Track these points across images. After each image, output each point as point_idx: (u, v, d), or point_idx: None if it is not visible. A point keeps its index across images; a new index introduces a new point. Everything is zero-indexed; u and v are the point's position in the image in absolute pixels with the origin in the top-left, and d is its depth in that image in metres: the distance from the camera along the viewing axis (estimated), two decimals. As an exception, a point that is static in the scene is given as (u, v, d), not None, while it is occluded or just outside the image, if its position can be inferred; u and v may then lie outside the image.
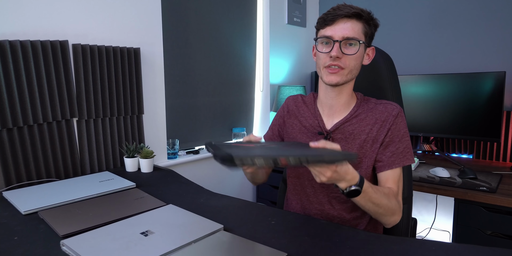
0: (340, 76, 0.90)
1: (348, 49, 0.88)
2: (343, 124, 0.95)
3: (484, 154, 1.94)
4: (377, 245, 0.72)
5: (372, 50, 0.95)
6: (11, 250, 0.71)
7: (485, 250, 0.69)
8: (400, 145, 0.92)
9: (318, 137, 0.98)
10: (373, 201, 0.80)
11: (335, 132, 0.96)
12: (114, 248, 0.69)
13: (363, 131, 0.93)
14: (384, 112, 0.93)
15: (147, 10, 1.54)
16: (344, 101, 0.96)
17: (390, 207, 0.83)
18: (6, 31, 1.13)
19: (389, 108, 0.94)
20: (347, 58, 0.88)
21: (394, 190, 0.89)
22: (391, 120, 0.92)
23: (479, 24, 1.97)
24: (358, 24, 0.88)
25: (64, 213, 0.89)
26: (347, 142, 0.94)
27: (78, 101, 1.30)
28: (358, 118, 0.95)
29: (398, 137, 0.92)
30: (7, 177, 1.13)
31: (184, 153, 1.89)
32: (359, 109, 0.96)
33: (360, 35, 0.88)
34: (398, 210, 0.86)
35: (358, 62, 0.91)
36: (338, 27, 0.87)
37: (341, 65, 0.88)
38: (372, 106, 0.96)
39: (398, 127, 0.92)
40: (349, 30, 0.87)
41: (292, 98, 1.11)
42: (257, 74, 2.28)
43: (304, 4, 2.54)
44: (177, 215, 0.86)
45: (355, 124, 0.95)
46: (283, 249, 0.69)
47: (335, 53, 0.86)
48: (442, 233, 2.06)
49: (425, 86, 1.92)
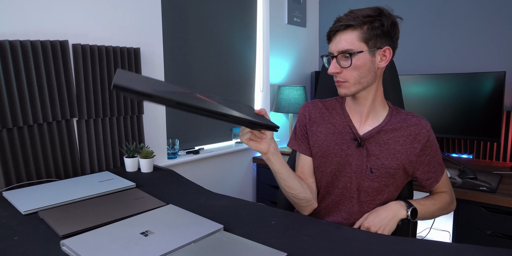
0: (346, 88, 0.90)
1: (345, 61, 0.88)
2: (378, 133, 0.94)
3: (484, 154, 1.94)
4: (377, 245, 0.72)
5: (387, 50, 0.89)
6: (11, 250, 0.71)
7: (485, 250, 0.69)
8: (438, 159, 0.98)
9: (352, 143, 0.95)
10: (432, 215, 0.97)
11: (369, 140, 0.95)
12: (114, 248, 0.69)
13: (397, 142, 0.93)
14: (418, 125, 0.93)
15: (147, 10, 1.54)
16: (370, 106, 0.95)
17: (445, 208, 0.99)
18: (6, 31, 1.13)
19: (423, 122, 0.94)
20: (346, 70, 0.88)
21: (445, 191, 1.01)
22: (425, 135, 0.93)
23: (479, 24, 1.97)
24: (352, 34, 0.86)
25: (64, 213, 0.89)
26: (382, 151, 0.93)
27: (78, 101, 1.30)
28: (392, 127, 0.94)
29: (434, 151, 0.96)
30: (7, 177, 1.13)
31: (184, 153, 1.89)
32: (392, 118, 0.96)
33: (356, 43, 0.85)
34: (452, 203, 1.02)
35: (364, 71, 0.88)
36: (334, 42, 0.89)
37: (340, 79, 0.90)
38: (403, 116, 0.96)
39: (433, 142, 0.95)
40: (342, 43, 0.87)
41: (313, 105, 1.05)
42: (257, 74, 2.28)
43: (304, 4, 2.54)
44: (177, 215, 0.86)
45: (390, 134, 0.94)
46: (283, 249, 0.69)
47: (330, 70, 0.89)
48: (442, 233, 2.06)
49: (425, 86, 1.92)
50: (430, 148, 0.94)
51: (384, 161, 0.92)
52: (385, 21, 0.86)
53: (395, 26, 0.89)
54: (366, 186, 0.94)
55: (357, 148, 0.94)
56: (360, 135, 0.95)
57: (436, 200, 0.98)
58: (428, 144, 0.94)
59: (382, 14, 0.86)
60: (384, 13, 0.87)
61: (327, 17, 2.68)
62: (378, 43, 0.87)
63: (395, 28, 0.89)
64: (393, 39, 0.90)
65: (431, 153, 0.95)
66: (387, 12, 0.88)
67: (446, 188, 1.02)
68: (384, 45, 0.88)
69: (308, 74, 2.69)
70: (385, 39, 0.88)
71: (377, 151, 0.93)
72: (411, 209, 0.90)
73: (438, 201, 0.98)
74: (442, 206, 0.98)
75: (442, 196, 0.99)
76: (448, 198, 1.00)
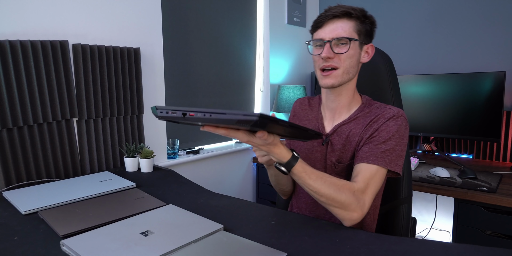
0: (335, 78, 0.89)
1: (340, 48, 0.87)
2: (341, 127, 0.94)
3: (484, 154, 1.94)
4: (377, 245, 0.72)
5: (371, 47, 0.93)
6: (11, 250, 0.71)
7: (485, 250, 0.69)
8: (382, 146, 0.85)
9: (319, 140, 0.97)
10: (309, 187, 0.77)
11: (333, 135, 0.95)
12: (114, 248, 0.69)
13: (357, 134, 0.91)
14: (379, 115, 0.90)
15: (147, 10, 1.54)
16: (344, 103, 0.95)
17: (337, 200, 0.76)
18: (6, 31, 1.13)
19: (385, 111, 0.90)
20: (340, 57, 0.87)
21: (355, 186, 0.80)
22: (382, 121, 0.88)
23: (479, 24, 1.97)
24: (349, 22, 0.87)
25: (64, 213, 0.89)
26: (344, 145, 0.93)
27: (78, 101, 1.30)
28: (356, 120, 0.93)
29: (384, 138, 0.86)
30: (7, 177, 1.13)
31: (184, 153, 1.89)
32: (360, 112, 0.94)
33: (352, 33, 0.87)
34: (353, 206, 0.77)
35: (354, 60, 0.89)
36: (328, 28, 0.88)
37: (334, 65, 0.88)
38: (372, 109, 0.94)
39: (387, 129, 0.87)
40: (338, 30, 0.86)
41: (299, 101, 1.10)
42: (257, 74, 2.28)
43: (304, 4, 2.54)
44: (177, 215, 0.86)
45: (351, 126, 0.93)
46: (283, 249, 0.69)
47: (325, 54, 0.86)
48: (442, 233, 2.06)
49: (425, 86, 1.92)
50: (378, 132, 0.87)
51: (345, 154, 0.93)
52: (373, 19, 0.91)
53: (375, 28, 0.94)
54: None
55: (322, 145, 0.96)
56: (325, 133, 0.97)
57: (336, 182, 0.79)
58: (381, 128, 0.87)
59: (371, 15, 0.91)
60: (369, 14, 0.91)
61: (327, 17, 2.68)
62: (365, 39, 0.91)
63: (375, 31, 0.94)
64: (372, 40, 0.94)
65: (376, 136, 0.87)
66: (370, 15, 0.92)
67: (362, 183, 0.81)
68: (368, 42, 0.92)
69: (308, 74, 2.69)
70: (369, 37, 0.92)
71: (340, 145, 0.93)
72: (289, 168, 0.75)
73: (335, 184, 0.78)
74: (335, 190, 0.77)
75: (344, 183, 0.79)
76: (351, 189, 0.79)
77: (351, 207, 0.78)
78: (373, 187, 0.83)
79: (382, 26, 2.30)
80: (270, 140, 0.69)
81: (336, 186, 0.78)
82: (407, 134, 0.90)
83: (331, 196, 0.77)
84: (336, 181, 0.79)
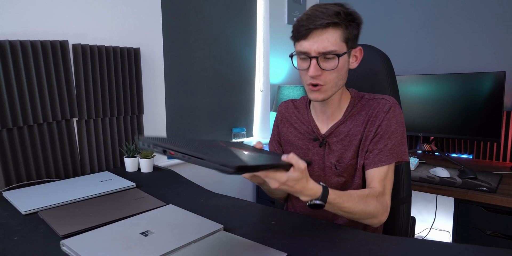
0: (324, 93, 0.85)
1: (327, 63, 0.81)
2: (338, 127, 0.92)
3: (484, 154, 1.94)
4: (377, 245, 0.72)
5: (359, 51, 0.87)
6: (11, 250, 0.71)
7: (485, 250, 0.69)
8: (389, 142, 0.86)
9: (314, 143, 0.96)
10: (344, 210, 0.76)
11: (330, 136, 0.93)
12: (114, 248, 0.69)
13: (358, 131, 0.90)
14: (376, 108, 0.88)
15: (147, 10, 1.54)
16: (336, 104, 0.92)
17: (368, 211, 0.79)
18: (6, 31, 1.13)
19: (381, 103, 0.88)
20: (327, 73, 0.82)
21: (377, 190, 0.83)
22: (382, 116, 0.87)
23: (479, 24, 1.97)
24: (335, 33, 0.79)
25: (64, 213, 0.89)
26: (344, 145, 0.91)
27: (78, 101, 1.30)
28: (352, 118, 0.92)
29: (388, 133, 0.87)
30: (7, 177, 1.13)
31: (184, 153, 1.89)
32: (353, 108, 0.93)
33: (339, 44, 0.80)
34: (380, 211, 0.81)
35: (342, 73, 0.85)
36: (313, 40, 0.79)
37: (320, 82, 0.83)
38: (364, 102, 0.92)
39: (389, 123, 0.87)
40: (325, 43, 0.78)
41: (283, 105, 1.07)
42: (257, 74, 2.28)
43: (304, 4, 2.54)
44: (177, 215, 0.86)
45: (349, 125, 0.91)
46: (283, 249, 0.69)
47: (312, 73, 0.80)
48: (442, 233, 2.06)
49: (425, 86, 1.92)
50: (381, 128, 0.87)
51: (346, 154, 0.91)
52: (359, 20, 0.83)
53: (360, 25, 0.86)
54: (334, 182, 0.94)
55: (320, 147, 0.95)
56: (321, 134, 0.94)
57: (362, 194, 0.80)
58: (383, 124, 0.87)
59: (352, 12, 0.81)
60: (352, 10, 0.82)
61: (327, 17, 2.67)
62: (353, 43, 0.84)
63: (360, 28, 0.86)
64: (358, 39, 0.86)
65: (381, 133, 0.87)
66: (353, 10, 0.82)
67: (380, 186, 0.84)
68: (356, 45, 0.86)
69: (308, 74, 2.69)
70: (356, 40, 0.85)
71: (339, 146, 0.92)
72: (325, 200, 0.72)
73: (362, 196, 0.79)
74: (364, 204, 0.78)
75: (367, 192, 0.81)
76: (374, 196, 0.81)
77: (379, 213, 0.81)
78: (389, 185, 0.87)
79: (382, 26, 2.30)
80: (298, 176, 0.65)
81: (364, 199, 0.79)
82: (403, 120, 0.91)
83: (362, 210, 0.78)
84: (361, 194, 0.80)
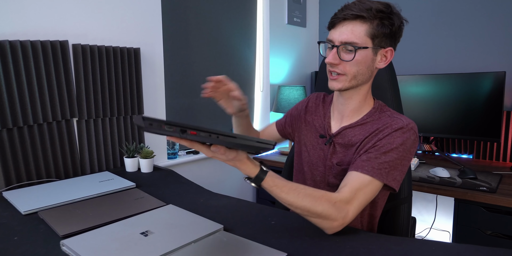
0: (342, 82, 0.85)
1: (347, 54, 0.82)
2: (346, 130, 0.91)
3: (484, 154, 1.94)
4: (377, 245, 0.72)
5: (390, 51, 0.85)
6: (11, 250, 0.71)
7: (485, 250, 0.69)
8: (382, 157, 0.79)
9: (320, 139, 0.96)
10: (282, 200, 0.74)
11: (337, 137, 0.92)
12: (114, 248, 0.69)
13: (359, 140, 0.87)
14: (387, 124, 0.84)
15: (147, 10, 1.54)
16: (354, 107, 0.91)
17: (314, 211, 0.73)
18: (6, 31, 1.13)
19: (395, 121, 0.84)
20: (346, 64, 0.82)
21: (338, 196, 0.75)
22: (388, 131, 0.82)
23: (479, 24, 1.97)
24: (361, 26, 0.80)
25: (64, 213, 0.89)
26: (345, 149, 0.90)
27: (78, 101, 1.30)
28: (363, 126, 0.89)
29: (385, 149, 0.80)
30: (7, 177, 1.13)
31: (184, 153, 1.89)
32: (369, 118, 0.90)
33: (363, 38, 0.80)
34: (333, 215, 0.73)
35: (363, 68, 0.83)
36: (338, 30, 0.82)
37: (338, 71, 0.84)
38: (382, 117, 0.89)
39: (391, 140, 0.81)
40: (347, 34, 0.80)
41: (315, 95, 1.06)
42: (257, 74, 2.28)
43: (304, 4, 2.54)
44: (177, 215, 0.86)
45: (356, 132, 0.89)
46: (283, 249, 0.69)
47: (329, 60, 0.83)
48: (442, 233, 2.06)
49: (425, 86, 1.92)
50: (381, 141, 0.81)
51: (345, 158, 0.90)
52: (396, 20, 0.82)
53: (401, 28, 0.85)
54: (332, 182, 0.94)
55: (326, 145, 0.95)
56: (330, 133, 0.94)
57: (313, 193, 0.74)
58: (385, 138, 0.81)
59: (393, 13, 0.82)
60: (394, 12, 0.82)
61: (327, 17, 2.68)
62: (383, 42, 0.83)
63: (401, 31, 0.85)
64: (396, 41, 0.86)
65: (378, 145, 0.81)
66: (397, 12, 0.83)
67: (348, 194, 0.76)
68: (388, 45, 0.84)
69: (308, 74, 2.69)
70: (390, 40, 0.84)
71: (342, 149, 0.91)
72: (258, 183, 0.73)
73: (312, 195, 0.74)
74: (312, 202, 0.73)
75: (321, 194, 0.75)
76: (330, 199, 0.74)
77: (330, 217, 0.73)
78: (361, 198, 0.77)
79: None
80: (231, 156, 0.69)
81: (312, 198, 0.73)
82: (413, 150, 0.83)
83: (306, 207, 0.73)
84: (312, 192, 0.75)
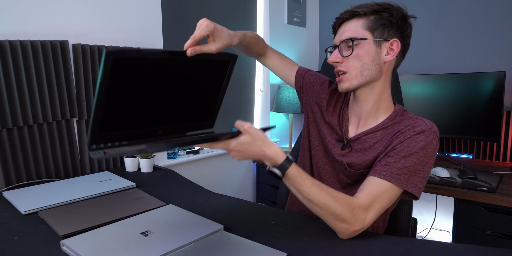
0: (348, 81, 0.84)
1: (347, 50, 0.83)
2: (366, 135, 0.87)
3: (484, 154, 1.94)
4: (377, 245, 0.72)
5: (395, 42, 0.82)
6: (11, 250, 0.71)
7: (485, 250, 0.69)
8: (402, 161, 0.76)
9: (337, 144, 0.92)
10: (303, 194, 0.72)
11: (355, 142, 0.89)
12: (114, 248, 0.69)
13: (381, 145, 0.84)
14: (409, 126, 0.81)
15: (147, 10, 1.54)
16: (370, 108, 0.87)
17: (333, 210, 0.71)
18: (6, 31, 1.13)
19: (418, 123, 0.81)
20: (348, 60, 0.83)
21: (356, 202, 0.73)
22: (409, 134, 0.79)
23: (479, 24, 1.97)
24: (357, 22, 0.82)
25: (64, 213, 0.89)
26: (365, 154, 0.86)
27: (78, 101, 1.30)
28: (385, 130, 0.86)
29: (405, 153, 0.77)
30: (7, 177, 1.13)
31: (184, 153, 1.89)
32: (390, 122, 0.86)
33: (360, 31, 0.81)
34: (350, 220, 0.72)
35: (367, 62, 0.82)
36: (338, 33, 0.86)
37: (342, 69, 0.84)
38: (404, 119, 0.85)
39: (412, 144, 0.78)
40: (346, 32, 0.83)
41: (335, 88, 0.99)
42: (257, 74, 2.28)
43: (304, 4, 2.54)
44: (177, 215, 0.86)
45: (378, 137, 0.86)
46: (283, 249, 0.69)
47: (331, 58, 0.85)
48: (442, 233, 2.06)
49: (425, 86, 1.92)
50: (402, 144, 0.79)
51: (359, 162, 0.86)
52: (394, 12, 0.81)
53: (405, 19, 0.83)
54: (340, 179, 0.92)
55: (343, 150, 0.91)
56: (348, 137, 0.91)
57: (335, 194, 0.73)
58: (407, 141, 0.78)
59: (391, 6, 0.82)
60: (393, 5, 0.83)
61: (327, 17, 2.68)
62: (385, 34, 0.81)
63: (405, 22, 0.83)
64: (403, 34, 0.83)
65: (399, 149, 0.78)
66: (397, 6, 0.83)
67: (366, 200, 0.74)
68: (392, 37, 0.82)
69: (308, 74, 2.69)
70: (393, 31, 0.82)
71: (359, 154, 0.87)
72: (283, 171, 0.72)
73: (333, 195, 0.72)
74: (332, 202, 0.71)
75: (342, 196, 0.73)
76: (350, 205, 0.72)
77: (347, 221, 0.72)
78: (379, 205, 0.75)
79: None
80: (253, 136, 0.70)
81: (334, 197, 0.72)
82: (434, 155, 0.80)
83: (326, 206, 0.71)
84: (333, 192, 0.73)
